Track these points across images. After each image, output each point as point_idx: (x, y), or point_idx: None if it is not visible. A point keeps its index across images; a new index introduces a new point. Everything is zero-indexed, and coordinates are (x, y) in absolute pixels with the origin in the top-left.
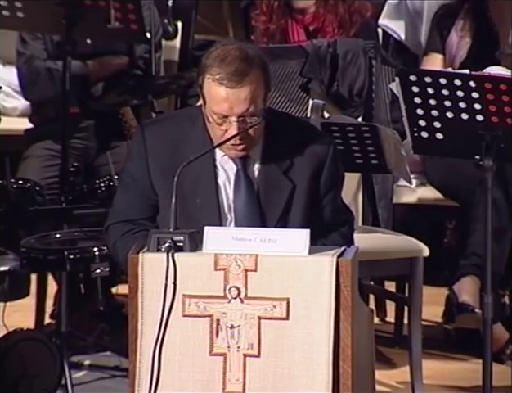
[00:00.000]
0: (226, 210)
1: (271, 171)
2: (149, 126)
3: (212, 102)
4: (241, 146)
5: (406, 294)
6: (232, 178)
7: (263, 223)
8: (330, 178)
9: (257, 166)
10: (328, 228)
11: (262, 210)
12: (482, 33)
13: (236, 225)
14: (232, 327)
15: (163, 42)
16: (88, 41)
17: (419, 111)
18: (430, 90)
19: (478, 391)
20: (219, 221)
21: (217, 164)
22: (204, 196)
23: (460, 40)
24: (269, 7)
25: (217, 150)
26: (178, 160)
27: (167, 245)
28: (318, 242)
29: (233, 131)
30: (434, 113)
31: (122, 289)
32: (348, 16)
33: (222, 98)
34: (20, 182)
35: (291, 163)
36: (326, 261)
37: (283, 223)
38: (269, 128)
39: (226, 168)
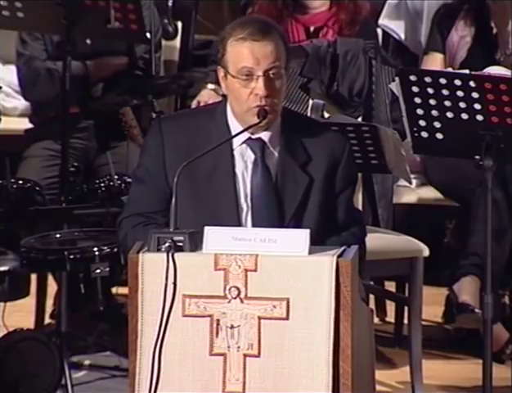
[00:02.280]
0: (243, 200)
1: (288, 163)
2: (166, 120)
3: (237, 61)
4: (266, 107)
5: (406, 294)
6: (250, 166)
7: (280, 214)
8: (345, 178)
9: (275, 157)
10: (340, 228)
11: (279, 200)
12: (483, 34)
13: (253, 215)
14: (232, 327)
15: (163, 42)
16: (88, 41)
17: (419, 111)
18: (430, 90)
19: (478, 391)
20: (236, 210)
21: (235, 153)
22: (221, 185)
23: (460, 40)
24: (270, 9)
25: (235, 139)
26: (194, 154)
27: (167, 245)
28: (330, 240)
29: (260, 88)
30: (434, 113)
31: (122, 289)
32: (357, 12)
33: (249, 52)
34: (20, 182)
35: (308, 158)
36: (326, 261)
37: (298, 217)
38: (286, 123)
39: (244, 157)
